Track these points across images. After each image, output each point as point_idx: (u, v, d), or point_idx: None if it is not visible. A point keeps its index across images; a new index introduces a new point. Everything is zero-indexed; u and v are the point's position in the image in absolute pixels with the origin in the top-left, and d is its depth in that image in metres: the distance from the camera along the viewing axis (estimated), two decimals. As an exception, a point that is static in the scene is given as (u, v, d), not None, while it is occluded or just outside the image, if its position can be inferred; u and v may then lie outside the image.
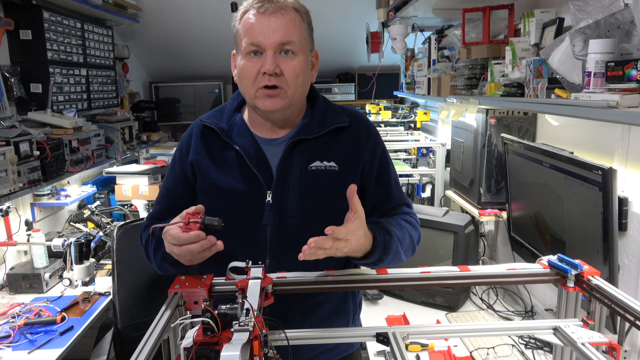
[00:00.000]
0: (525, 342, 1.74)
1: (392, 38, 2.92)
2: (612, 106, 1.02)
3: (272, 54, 1.13)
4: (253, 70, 1.14)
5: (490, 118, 1.98)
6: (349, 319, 1.34)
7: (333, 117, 1.26)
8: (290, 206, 1.19)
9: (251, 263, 1.02)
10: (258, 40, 1.13)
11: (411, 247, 1.24)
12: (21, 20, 2.44)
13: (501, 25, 2.07)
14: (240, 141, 1.22)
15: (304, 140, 1.22)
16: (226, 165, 1.23)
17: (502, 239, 2.34)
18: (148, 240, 1.25)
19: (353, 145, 1.25)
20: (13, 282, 2.28)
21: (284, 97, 1.16)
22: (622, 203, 1.41)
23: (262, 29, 1.13)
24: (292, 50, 1.14)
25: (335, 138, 1.24)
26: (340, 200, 1.09)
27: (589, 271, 1.01)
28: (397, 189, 1.32)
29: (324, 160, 1.22)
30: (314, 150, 1.22)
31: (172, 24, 3.92)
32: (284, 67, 1.14)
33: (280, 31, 1.13)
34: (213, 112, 1.30)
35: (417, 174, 3.08)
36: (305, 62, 1.19)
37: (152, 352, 0.81)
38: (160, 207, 1.32)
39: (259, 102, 1.17)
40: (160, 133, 4.07)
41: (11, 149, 1.94)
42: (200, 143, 1.26)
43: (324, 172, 1.21)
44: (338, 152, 1.23)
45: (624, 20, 1.12)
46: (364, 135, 1.27)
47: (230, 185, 1.21)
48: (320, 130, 1.23)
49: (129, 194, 3.25)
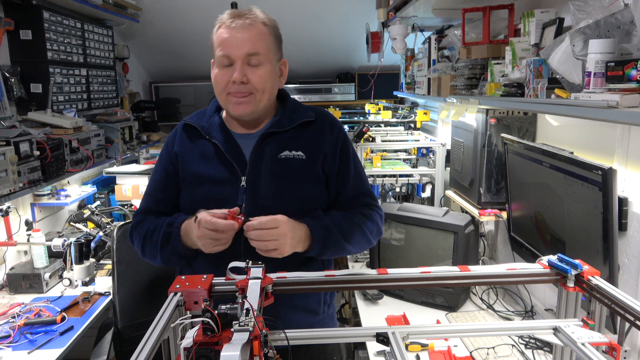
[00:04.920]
0: (525, 342, 1.74)
1: (392, 38, 2.92)
2: (612, 106, 1.02)
3: (241, 64, 1.29)
4: (224, 79, 1.31)
5: (490, 118, 1.98)
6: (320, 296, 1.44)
7: (300, 113, 1.42)
8: (262, 189, 1.34)
9: (251, 263, 1.02)
10: (228, 52, 1.29)
11: (364, 239, 1.39)
12: (21, 20, 2.44)
13: (501, 25, 2.07)
14: (217, 136, 1.39)
15: (275, 133, 1.37)
16: (205, 157, 1.38)
17: (502, 239, 2.34)
18: (147, 235, 1.37)
19: (317, 137, 1.40)
20: (13, 282, 2.28)
21: (251, 102, 1.32)
22: (622, 203, 1.41)
23: (232, 41, 1.29)
24: (259, 60, 1.30)
25: (302, 131, 1.40)
26: (306, 185, 1.36)
27: (589, 271, 1.01)
28: (357, 181, 1.44)
29: (292, 150, 1.37)
30: (283, 142, 1.37)
31: (172, 24, 3.92)
32: (251, 76, 1.30)
33: (248, 43, 1.29)
34: (195, 114, 1.47)
35: (417, 174, 3.08)
36: (272, 70, 1.34)
37: (152, 352, 0.81)
38: (145, 205, 1.46)
39: (230, 107, 1.34)
40: (160, 133, 4.07)
41: (11, 149, 1.94)
42: (184, 138, 1.43)
43: (292, 160, 1.36)
44: (304, 143, 1.38)
45: (624, 20, 1.12)
46: (328, 129, 1.42)
47: (210, 173, 1.37)
48: (289, 124, 1.39)
49: (129, 194, 3.26)
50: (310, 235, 1.29)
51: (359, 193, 1.43)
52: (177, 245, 1.31)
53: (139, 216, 1.45)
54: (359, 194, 1.43)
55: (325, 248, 1.31)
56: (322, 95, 4.65)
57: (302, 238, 1.27)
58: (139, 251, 1.42)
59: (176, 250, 1.32)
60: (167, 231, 1.33)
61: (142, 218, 1.43)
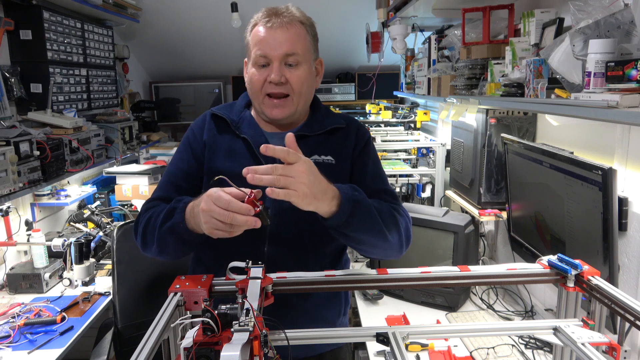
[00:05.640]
0: (525, 342, 1.74)
1: (392, 38, 2.92)
2: (612, 106, 1.02)
3: (278, 64, 1.24)
4: (261, 79, 1.26)
5: (490, 118, 1.98)
6: (341, 310, 1.44)
7: (331, 119, 1.39)
8: None
9: (251, 263, 1.02)
10: (265, 52, 1.24)
11: (394, 225, 1.21)
12: (21, 20, 2.44)
13: (501, 25, 2.07)
14: (248, 132, 1.32)
15: (305, 136, 1.32)
16: (234, 153, 1.31)
17: (502, 239, 2.34)
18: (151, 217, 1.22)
19: (345, 143, 1.37)
20: (13, 282, 2.28)
21: (290, 105, 1.28)
22: (622, 203, 1.41)
23: (270, 41, 1.24)
24: (297, 61, 1.26)
25: (331, 137, 1.36)
26: None
27: (589, 271, 1.01)
28: (377, 177, 1.37)
29: (321, 154, 1.33)
30: (313, 145, 1.32)
31: (172, 24, 3.92)
32: (289, 77, 1.25)
33: (286, 44, 1.24)
34: (224, 106, 1.40)
35: (417, 174, 3.08)
36: (309, 71, 1.30)
37: (152, 352, 0.81)
38: (163, 193, 1.30)
39: (266, 109, 1.29)
40: (160, 133, 4.07)
41: (11, 149, 1.94)
42: (213, 129, 1.35)
43: (322, 164, 1.30)
44: (333, 148, 1.35)
45: (624, 20, 1.12)
46: (354, 135, 1.39)
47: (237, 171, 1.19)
48: (320, 129, 1.35)
49: (129, 194, 3.26)
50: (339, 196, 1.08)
51: (379, 190, 1.31)
52: (179, 222, 1.13)
53: (152, 202, 1.29)
54: (378, 190, 1.31)
55: (353, 217, 1.09)
56: (322, 95, 4.64)
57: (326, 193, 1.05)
58: (139, 241, 1.27)
59: (176, 229, 1.14)
60: (173, 206, 1.18)
61: (156, 204, 1.27)
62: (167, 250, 1.22)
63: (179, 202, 1.18)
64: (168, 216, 1.17)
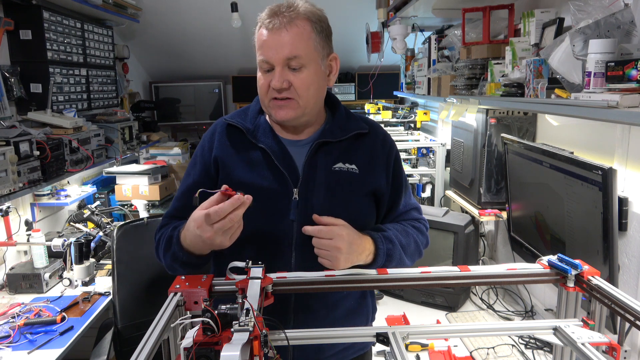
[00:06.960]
0: (525, 342, 1.74)
1: (392, 38, 2.92)
2: (612, 106, 1.02)
3: (280, 69, 1.18)
4: (265, 84, 1.22)
5: (490, 118, 1.98)
6: (369, 317, 1.42)
7: (354, 123, 1.32)
8: (315, 203, 1.24)
9: (251, 263, 1.02)
10: (267, 56, 1.19)
11: (417, 251, 1.34)
12: (21, 20, 2.44)
13: (501, 25, 2.07)
14: (265, 141, 1.27)
15: (327, 142, 1.28)
16: (252, 164, 1.26)
17: (502, 239, 2.34)
18: (160, 240, 1.26)
19: (371, 152, 1.32)
20: (13, 282, 2.28)
21: (295, 107, 1.21)
22: (622, 203, 1.41)
23: (270, 45, 1.18)
24: (300, 64, 1.19)
25: (355, 143, 1.30)
26: (359, 201, 1.28)
27: (589, 271, 1.01)
28: (408, 195, 1.40)
29: (345, 163, 1.28)
30: (337, 153, 1.28)
31: (172, 24, 3.92)
32: (293, 81, 1.19)
33: (287, 47, 1.17)
34: (237, 113, 1.34)
35: (417, 174, 3.08)
36: (316, 72, 1.22)
37: (152, 352, 0.81)
38: (179, 204, 1.32)
39: (272, 111, 1.24)
40: (160, 133, 4.07)
41: (11, 149, 1.94)
42: (225, 140, 1.30)
43: (346, 173, 1.27)
44: (358, 156, 1.30)
45: (624, 20, 1.12)
46: (380, 143, 1.34)
47: (258, 183, 1.24)
48: (343, 134, 1.29)
49: (129, 194, 3.26)
50: (374, 247, 1.21)
51: (410, 209, 1.40)
52: (177, 251, 1.18)
53: (165, 220, 1.32)
54: (409, 209, 1.39)
55: (389, 262, 1.22)
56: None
57: (362, 251, 1.18)
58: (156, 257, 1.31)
59: (177, 257, 1.18)
60: (170, 234, 1.21)
61: (167, 222, 1.30)
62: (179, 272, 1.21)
63: (175, 229, 1.21)
64: (168, 245, 1.21)
